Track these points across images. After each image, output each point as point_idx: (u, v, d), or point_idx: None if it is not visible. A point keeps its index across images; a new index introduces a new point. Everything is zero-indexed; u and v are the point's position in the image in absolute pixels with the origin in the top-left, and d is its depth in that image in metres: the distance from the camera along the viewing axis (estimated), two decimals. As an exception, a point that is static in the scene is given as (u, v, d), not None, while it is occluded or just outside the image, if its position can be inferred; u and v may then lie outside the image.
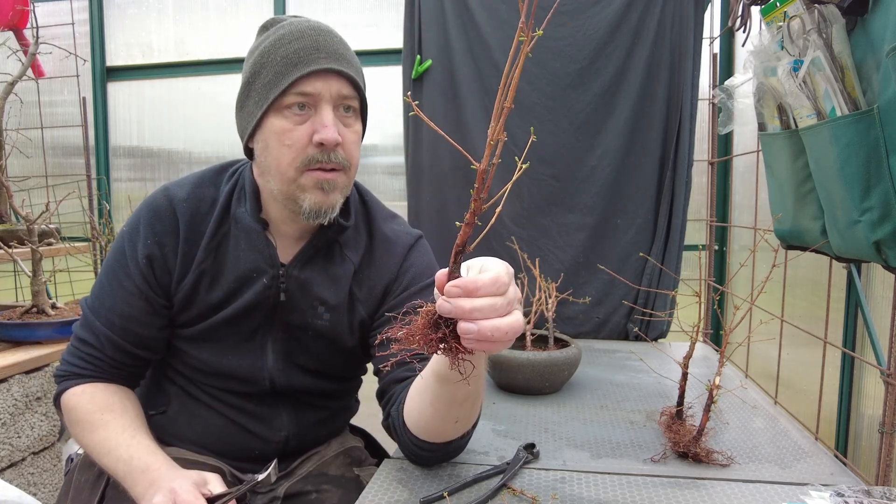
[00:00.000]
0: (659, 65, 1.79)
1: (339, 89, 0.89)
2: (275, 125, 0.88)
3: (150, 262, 0.93)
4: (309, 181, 0.88)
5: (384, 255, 1.02)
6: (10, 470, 1.54)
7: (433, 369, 0.75)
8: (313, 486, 1.03)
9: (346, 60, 0.90)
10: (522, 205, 1.88)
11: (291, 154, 0.87)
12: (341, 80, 0.89)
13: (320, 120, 0.87)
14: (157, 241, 0.94)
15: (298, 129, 0.87)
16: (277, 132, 0.88)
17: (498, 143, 0.52)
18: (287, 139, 0.87)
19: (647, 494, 0.85)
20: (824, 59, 0.93)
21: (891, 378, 0.94)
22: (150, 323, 0.95)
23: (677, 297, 1.77)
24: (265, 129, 0.89)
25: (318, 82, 0.87)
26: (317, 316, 0.98)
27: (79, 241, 2.17)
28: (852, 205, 0.91)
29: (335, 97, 0.89)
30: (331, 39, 0.90)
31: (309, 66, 0.86)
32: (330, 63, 0.87)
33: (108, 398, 0.95)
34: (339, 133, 0.88)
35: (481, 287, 0.58)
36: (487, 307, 0.57)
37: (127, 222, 0.97)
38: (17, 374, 1.55)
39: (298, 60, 0.86)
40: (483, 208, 0.56)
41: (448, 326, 0.60)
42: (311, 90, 0.87)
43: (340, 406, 1.13)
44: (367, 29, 2.30)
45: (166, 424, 1.02)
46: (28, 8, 1.95)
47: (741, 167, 1.89)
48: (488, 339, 0.58)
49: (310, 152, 0.87)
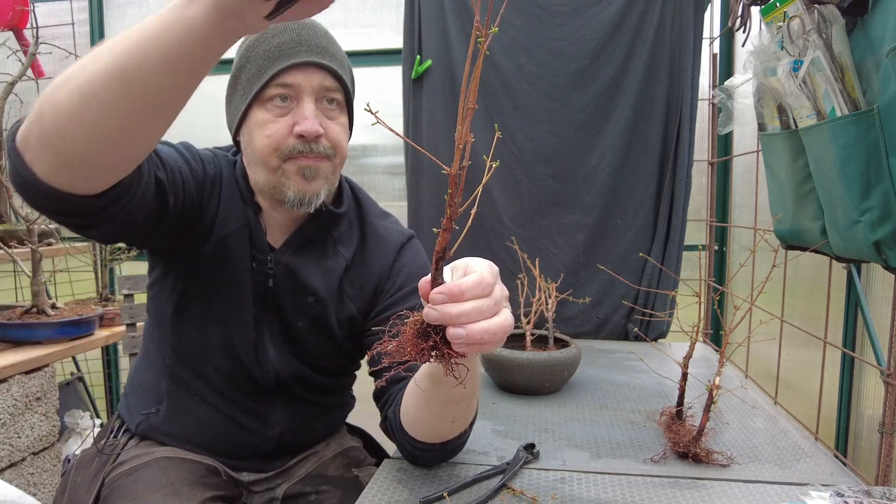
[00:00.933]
0: (659, 65, 1.79)
1: (321, 81, 0.90)
2: (257, 117, 0.90)
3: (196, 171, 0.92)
4: (291, 168, 0.90)
5: (375, 252, 1.03)
6: (9, 470, 1.54)
7: (427, 372, 0.75)
8: (312, 486, 1.03)
9: (329, 54, 0.91)
10: (522, 205, 1.88)
11: (273, 144, 0.89)
12: (323, 72, 0.90)
13: (301, 112, 0.89)
14: (212, 173, 0.94)
15: (280, 120, 0.89)
16: (260, 123, 0.89)
17: (466, 145, 0.52)
18: (268, 130, 0.89)
19: (647, 494, 0.84)
20: (824, 60, 0.93)
21: (891, 378, 0.94)
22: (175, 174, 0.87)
23: (677, 297, 1.77)
24: (249, 122, 0.91)
25: (298, 74, 0.88)
26: (307, 305, 0.98)
27: (78, 242, 2.17)
28: (852, 205, 0.91)
29: (317, 89, 0.90)
30: (314, 33, 0.91)
31: (290, 59, 0.88)
32: (311, 56, 0.89)
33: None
34: (323, 125, 0.89)
35: (466, 290, 0.57)
36: (474, 310, 0.57)
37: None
38: (16, 374, 1.55)
39: (280, 54, 0.88)
40: (458, 212, 0.55)
41: (438, 333, 0.59)
42: (291, 82, 0.88)
43: (335, 402, 1.13)
44: (366, 29, 2.30)
45: (160, 424, 1.02)
46: (28, 8, 1.95)
47: (741, 167, 1.89)
48: (478, 342, 0.57)
49: (290, 143, 0.89)
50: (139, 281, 1.46)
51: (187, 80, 0.60)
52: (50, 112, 0.60)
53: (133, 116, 0.60)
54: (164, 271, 0.99)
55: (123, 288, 1.44)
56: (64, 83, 0.59)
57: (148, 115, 0.61)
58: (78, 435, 2.04)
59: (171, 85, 0.59)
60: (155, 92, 0.59)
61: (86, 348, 1.83)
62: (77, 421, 2.06)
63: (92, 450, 1.05)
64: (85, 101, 0.58)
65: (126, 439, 1.04)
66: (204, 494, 0.91)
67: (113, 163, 0.65)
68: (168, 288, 0.98)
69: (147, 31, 0.57)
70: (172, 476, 0.93)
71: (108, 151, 0.63)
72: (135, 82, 0.57)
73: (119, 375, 2.52)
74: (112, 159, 0.64)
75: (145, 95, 0.59)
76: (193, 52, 0.57)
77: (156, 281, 1.02)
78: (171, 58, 0.57)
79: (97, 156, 0.62)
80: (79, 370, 2.42)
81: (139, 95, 0.59)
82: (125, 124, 0.60)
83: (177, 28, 0.56)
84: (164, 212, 0.83)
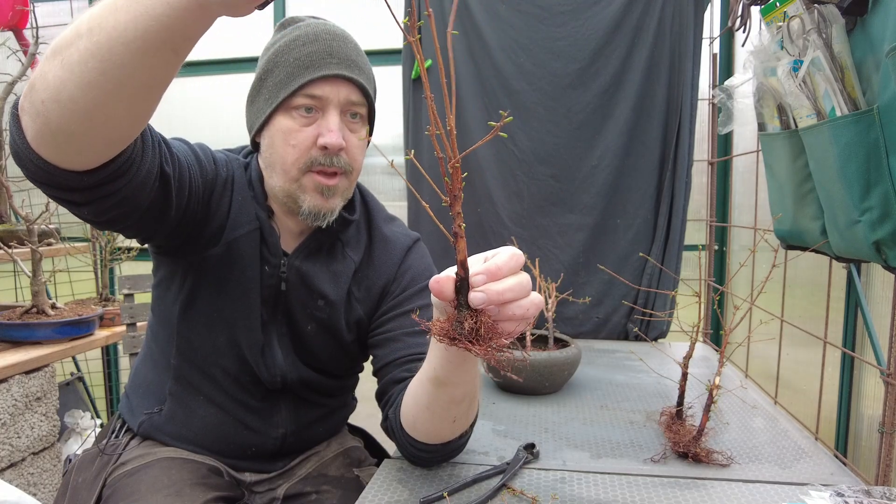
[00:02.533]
0: (659, 65, 1.79)
1: (348, 95, 0.90)
2: (282, 124, 0.90)
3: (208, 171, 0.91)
4: (310, 183, 0.90)
5: (382, 256, 1.03)
6: (10, 470, 1.54)
7: (428, 373, 0.75)
8: (313, 486, 1.03)
9: (358, 67, 0.91)
10: (522, 205, 1.88)
11: (295, 154, 0.89)
12: (351, 86, 0.90)
13: (326, 124, 0.89)
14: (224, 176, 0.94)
15: (304, 130, 0.89)
16: (284, 131, 0.89)
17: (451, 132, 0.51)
18: (292, 139, 0.89)
19: (647, 494, 0.85)
20: (824, 59, 0.93)
21: (891, 378, 0.94)
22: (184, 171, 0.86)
23: (677, 297, 1.77)
24: (272, 127, 0.91)
25: (326, 87, 0.88)
26: (317, 309, 0.99)
27: (78, 242, 2.17)
28: (852, 205, 0.91)
29: (343, 103, 0.90)
30: (345, 45, 0.91)
31: (320, 71, 0.88)
32: (341, 69, 0.89)
33: None
34: (344, 138, 0.90)
35: (503, 266, 0.57)
36: (517, 285, 0.57)
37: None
38: (16, 374, 1.55)
39: (310, 63, 0.88)
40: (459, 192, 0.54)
41: (475, 322, 0.57)
42: (319, 93, 0.88)
43: (338, 404, 1.13)
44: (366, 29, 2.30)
45: (162, 424, 1.02)
46: (28, 8, 1.95)
47: (741, 167, 1.89)
48: (521, 318, 0.58)
49: (313, 154, 0.89)
50: (139, 281, 1.46)
51: (168, 62, 0.59)
52: (40, 84, 0.59)
53: (112, 96, 0.58)
54: (170, 272, 0.99)
55: (123, 288, 1.44)
56: (55, 54, 0.58)
57: (127, 97, 0.60)
58: (78, 435, 2.04)
59: (150, 66, 0.58)
60: (134, 73, 0.57)
61: (86, 348, 1.82)
62: (77, 421, 2.06)
63: (93, 450, 1.06)
64: (65, 77, 0.57)
65: (127, 439, 1.04)
66: (206, 495, 0.91)
67: (97, 141, 0.64)
68: (175, 289, 0.98)
69: (124, 8, 0.55)
70: (174, 476, 0.93)
71: (91, 129, 0.61)
72: (112, 64, 0.56)
73: (119, 375, 2.52)
74: (96, 138, 0.63)
75: (124, 77, 0.57)
76: (173, 34, 0.56)
77: (161, 281, 1.01)
78: (150, 39, 0.55)
79: (81, 133, 0.61)
80: (79, 370, 2.42)
81: (117, 76, 0.57)
82: (105, 103, 0.59)
83: (157, 12, 0.54)
84: (167, 206, 0.82)
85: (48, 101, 0.59)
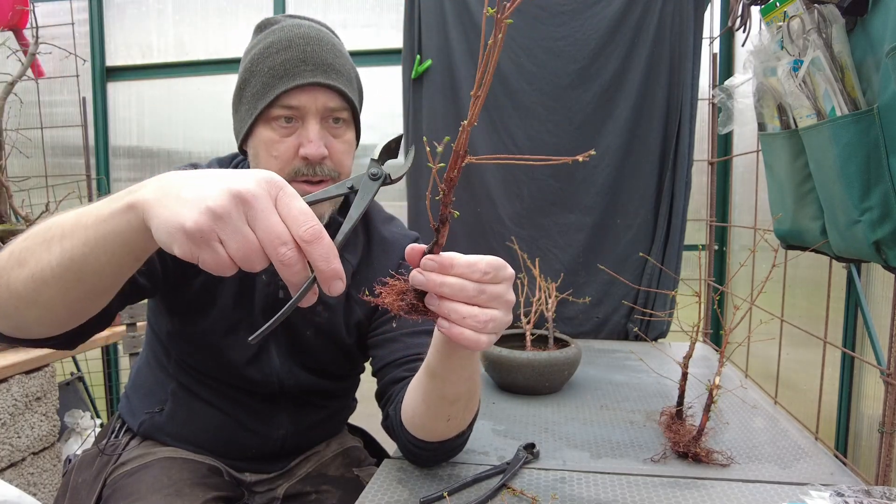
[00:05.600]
0: (659, 65, 1.79)
1: (326, 102, 0.88)
2: (263, 136, 0.88)
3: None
4: (297, 190, 0.89)
5: (381, 257, 1.03)
6: (10, 470, 1.54)
7: (425, 365, 0.75)
8: (312, 486, 1.03)
9: (335, 71, 0.88)
10: (522, 205, 1.88)
11: (278, 165, 0.87)
12: (329, 92, 0.88)
13: (306, 134, 0.87)
14: None
15: (285, 141, 0.87)
16: (266, 143, 0.88)
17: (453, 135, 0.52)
18: (274, 150, 0.87)
19: (647, 494, 0.85)
20: (824, 59, 0.93)
21: (891, 378, 0.94)
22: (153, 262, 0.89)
23: (677, 297, 1.77)
24: (255, 138, 0.90)
25: (303, 96, 0.86)
26: (315, 314, 0.98)
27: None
28: (852, 205, 0.91)
29: (321, 110, 0.88)
30: (320, 49, 0.88)
31: (294, 81, 0.85)
32: (316, 76, 0.86)
33: None
34: (328, 145, 0.88)
35: (456, 266, 0.59)
36: (457, 286, 0.58)
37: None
38: (16, 374, 1.55)
39: (284, 73, 0.86)
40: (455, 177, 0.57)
41: (420, 300, 0.61)
42: (296, 104, 0.87)
43: (339, 406, 1.13)
44: (366, 29, 2.30)
45: (163, 423, 1.02)
46: (28, 8, 1.95)
47: (741, 167, 1.89)
48: (450, 320, 0.59)
49: (296, 164, 0.87)
50: (139, 281, 1.46)
51: (134, 265, 0.63)
52: (4, 293, 0.63)
53: (83, 297, 0.64)
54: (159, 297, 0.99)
55: (123, 288, 1.43)
56: (17, 266, 0.62)
57: (96, 295, 0.66)
58: (78, 435, 2.04)
59: (119, 271, 0.63)
60: (105, 278, 0.63)
61: (86, 348, 1.83)
62: (77, 421, 2.06)
63: (93, 450, 1.06)
64: (39, 287, 0.62)
65: (127, 439, 1.04)
66: (206, 495, 0.91)
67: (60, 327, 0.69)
68: (163, 312, 0.98)
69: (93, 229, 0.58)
70: (175, 476, 0.93)
71: (58, 323, 0.68)
72: (87, 274, 0.60)
73: (119, 375, 2.52)
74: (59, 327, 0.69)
75: (97, 282, 0.62)
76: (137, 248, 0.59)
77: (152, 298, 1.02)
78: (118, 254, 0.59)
79: (48, 326, 0.68)
80: (79, 370, 2.41)
81: (91, 283, 0.62)
82: (76, 304, 0.65)
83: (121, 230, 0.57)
84: (150, 293, 0.90)
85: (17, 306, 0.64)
